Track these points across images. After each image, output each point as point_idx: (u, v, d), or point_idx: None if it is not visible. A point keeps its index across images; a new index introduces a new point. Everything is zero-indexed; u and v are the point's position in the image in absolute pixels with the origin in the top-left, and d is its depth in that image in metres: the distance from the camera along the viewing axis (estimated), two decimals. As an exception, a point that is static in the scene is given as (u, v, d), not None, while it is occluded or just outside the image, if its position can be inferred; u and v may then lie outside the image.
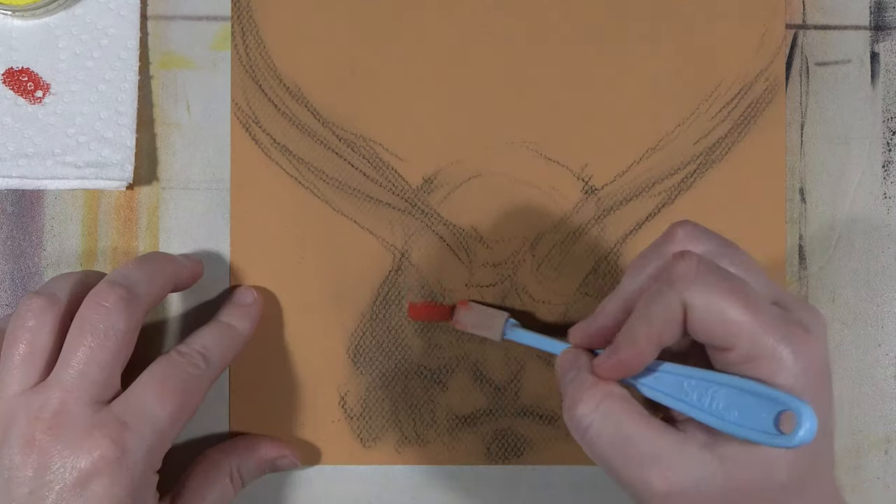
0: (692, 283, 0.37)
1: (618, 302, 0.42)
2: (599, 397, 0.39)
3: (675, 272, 0.38)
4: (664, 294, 0.38)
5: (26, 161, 0.50)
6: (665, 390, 0.40)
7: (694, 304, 0.37)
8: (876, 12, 0.54)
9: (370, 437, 0.52)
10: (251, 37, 0.52)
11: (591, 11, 0.53)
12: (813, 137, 0.53)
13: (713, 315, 0.37)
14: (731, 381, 0.38)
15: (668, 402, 0.40)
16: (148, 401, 0.44)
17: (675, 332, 0.38)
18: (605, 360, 0.40)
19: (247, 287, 0.51)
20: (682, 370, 0.40)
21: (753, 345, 0.37)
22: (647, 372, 0.41)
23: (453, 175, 0.52)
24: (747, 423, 0.37)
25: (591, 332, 0.43)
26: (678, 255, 0.39)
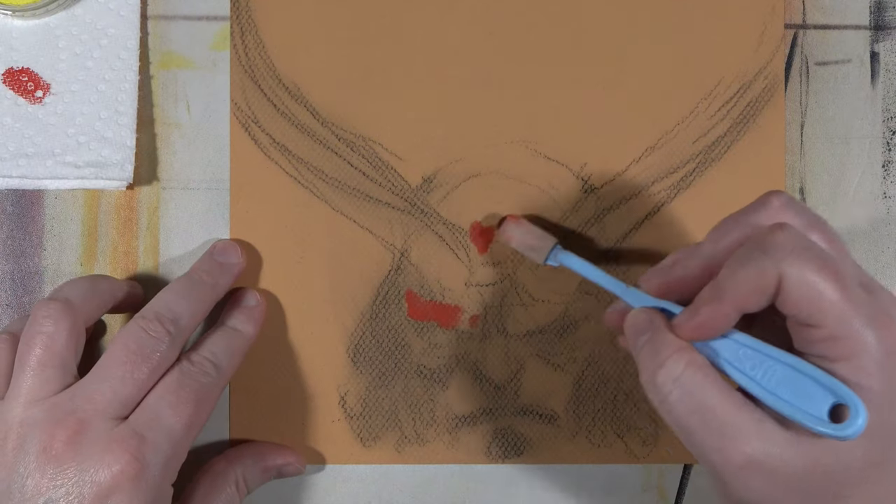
0: (790, 255, 0.37)
1: (699, 259, 0.41)
2: (683, 365, 0.39)
3: (773, 241, 0.38)
4: (759, 261, 0.38)
5: (26, 161, 0.50)
6: (720, 351, 0.40)
7: (790, 276, 0.37)
8: (876, 12, 0.54)
9: (370, 437, 0.52)
10: (250, 37, 0.52)
11: (591, 11, 0.53)
12: (813, 137, 0.53)
13: (806, 290, 0.37)
14: (790, 360, 0.38)
15: (723, 366, 0.40)
16: (164, 412, 0.44)
17: (763, 301, 0.38)
18: (686, 320, 0.40)
19: (250, 289, 0.51)
20: (742, 337, 0.40)
21: (840, 325, 0.37)
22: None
23: (453, 174, 0.52)
24: (798, 404, 0.37)
25: (667, 282, 0.43)
26: (777, 226, 0.38)
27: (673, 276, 0.42)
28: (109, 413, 0.43)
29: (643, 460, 0.53)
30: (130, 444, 0.42)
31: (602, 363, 0.53)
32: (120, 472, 0.42)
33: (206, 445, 0.52)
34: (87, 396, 0.43)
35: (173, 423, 0.44)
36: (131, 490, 0.42)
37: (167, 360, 0.45)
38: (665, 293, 0.43)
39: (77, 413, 0.43)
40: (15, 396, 0.44)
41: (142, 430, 0.43)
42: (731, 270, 0.39)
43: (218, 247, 0.51)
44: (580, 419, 0.52)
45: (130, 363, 0.44)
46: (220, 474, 0.49)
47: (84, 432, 0.42)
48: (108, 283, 0.49)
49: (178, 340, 0.46)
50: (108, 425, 0.43)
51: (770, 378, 0.38)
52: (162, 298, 0.47)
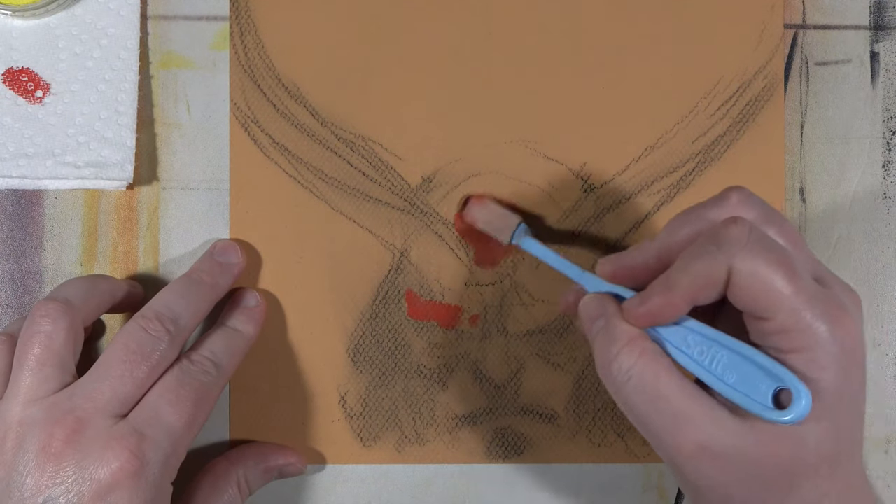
0: (742, 250, 0.38)
1: (654, 248, 0.42)
2: (637, 354, 0.40)
3: (726, 236, 0.38)
4: (711, 254, 0.38)
5: (26, 161, 0.50)
6: (669, 338, 0.40)
7: (740, 269, 0.37)
8: (876, 12, 0.54)
9: (370, 437, 0.52)
10: (250, 37, 0.52)
11: (591, 11, 0.53)
12: (813, 137, 0.53)
13: (757, 284, 0.37)
14: (735, 346, 0.39)
15: (671, 351, 0.40)
16: (164, 410, 0.44)
17: (713, 294, 0.39)
18: (636, 306, 0.40)
19: (250, 289, 0.51)
20: (691, 324, 0.40)
21: (791, 318, 0.37)
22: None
23: (452, 174, 0.52)
24: (743, 390, 0.38)
25: (620, 267, 0.43)
26: (731, 220, 0.39)
27: (627, 263, 0.43)
28: (108, 411, 0.43)
29: (643, 460, 0.53)
30: (130, 442, 0.42)
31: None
32: (119, 470, 0.42)
33: (206, 446, 0.52)
34: (87, 395, 0.43)
35: (173, 422, 0.44)
36: (131, 487, 0.42)
37: (167, 360, 0.45)
38: (619, 279, 0.43)
39: (76, 411, 0.43)
40: (13, 396, 0.44)
41: (141, 427, 0.43)
42: (684, 262, 0.39)
43: (218, 247, 0.51)
44: (580, 419, 0.52)
45: (130, 362, 0.44)
46: (222, 475, 0.49)
47: (83, 430, 0.42)
48: (108, 282, 0.49)
49: (178, 340, 0.46)
50: (107, 423, 0.43)
51: (717, 364, 0.39)
52: (162, 298, 0.47)
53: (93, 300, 0.48)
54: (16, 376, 0.44)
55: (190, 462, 0.47)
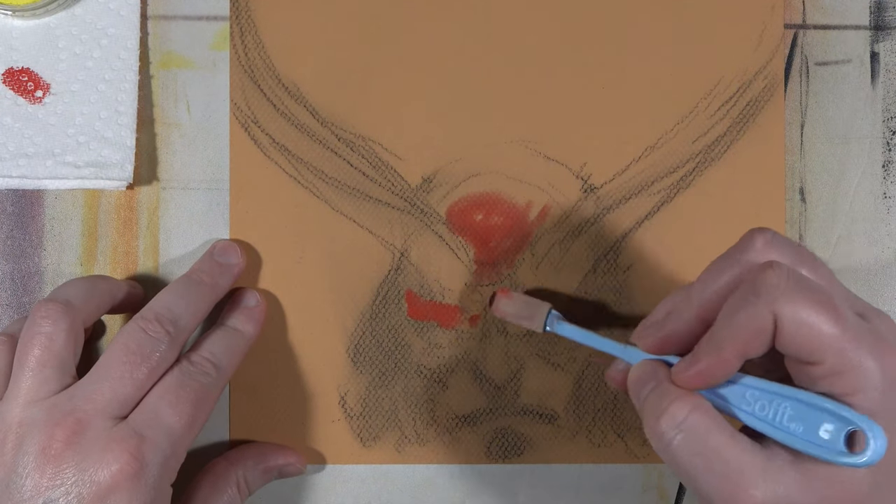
0: (782, 295, 0.37)
1: (692, 308, 0.40)
2: (686, 411, 0.38)
3: (764, 283, 0.37)
4: (752, 304, 0.37)
5: (26, 161, 0.50)
6: (727, 397, 0.39)
7: (786, 316, 0.36)
8: (876, 12, 0.54)
9: (370, 437, 0.52)
10: (250, 37, 0.52)
11: (590, 10, 0.53)
12: (813, 137, 0.53)
13: (804, 328, 0.36)
14: (798, 395, 0.38)
15: (729, 409, 0.39)
16: (164, 412, 0.44)
17: (763, 344, 0.37)
18: (686, 370, 0.39)
19: (250, 289, 0.51)
20: (746, 380, 0.39)
21: (841, 359, 0.36)
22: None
23: (452, 174, 0.52)
24: (813, 439, 0.37)
25: (662, 337, 0.42)
26: (767, 265, 0.38)
27: (667, 331, 0.42)
28: (108, 413, 0.43)
29: (643, 460, 0.53)
30: (130, 444, 0.42)
31: (602, 362, 0.53)
32: (119, 472, 0.42)
33: (206, 446, 0.52)
34: (86, 396, 0.43)
35: (173, 423, 0.44)
36: (130, 489, 0.42)
37: (166, 361, 0.45)
38: (662, 349, 0.42)
39: (76, 413, 0.43)
40: (14, 397, 0.44)
41: (141, 429, 0.43)
42: (727, 318, 0.38)
43: (218, 247, 0.51)
44: (580, 419, 0.52)
45: (130, 363, 0.44)
46: (222, 476, 0.49)
47: (83, 432, 0.42)
48: (108, 283, 0.49)
49: (178, 341, 0.46)
50: (107, 425, 0.43)
51: (782, 416, 0.38)
52: (161, 299, 0.47)
53: (93, 301, 0.48)
54: (16, 377, 0.44)
55: (190, 462, 0.47)
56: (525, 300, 0.50)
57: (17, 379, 0.44)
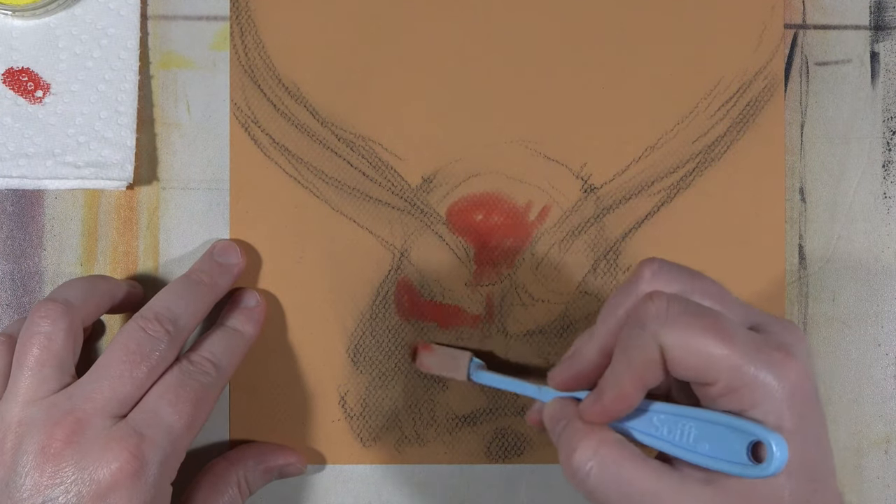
0: (665, 324, 0.37)
1: (594, 345, 0.41)
2: (595, 444, 0.39)
3: (646, 314, 0.38)
4: (639, 336, 0.38)
5: (26, 161, 0.50)
6: (635, 426, 0.40)
7: (669, 344, 0.37)
8: (876, 12, 0.54)
9: (370, 437, 0.52)
10: (250, 37, 0.52)
11: (590, 10, 0.53)
12: (813, 137, 0.53)
13: (690, 353, 0.37)
14: (700, 415, 0.38)
15: (640, 438, 0.40)
16: (164, 411, 0.44)
17: (658, 373, 0.38)
18: (591, 406, 0.40)
19: (250, 290, 0.51)
20: (652, 405, 0.40)
21: (735, 377, 0.37)
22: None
23: (452, 174, 0.52)
24: (719, 455, 0.37)
25: (570, 376, 0.43)
26: (647, 297, 0.38)
27: (575, 369, 0.42)
28: (108, 412, 0.43)
29: (643, 460, 0.53)
30: (129, 443, 0.42)
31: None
32: (119, 470, 0.42)
33: (206, 446, 0.52)
34: (86, 395, 0.43)
35: (173, 422, 0.44)
36: (130, 488, 0.42)
37: (166, 360, 0.45)
38: (572, 386, 0.43)
39: (75, 412, 0.43)
40: (13, 396, 0.44)
41: (141, 428, 0.43)
42: (621, 352, 0.39)
43: (217, 247, 0.51)
44: (580, 419, 0.52)
45: (129, 362, 0.44)
46: (222, 476, 0.49)
47: (82, 431, 0.42)
48: (107, 283, 0.49)
49: (177, 340, 0.46)
50: (106, 423, 0.43)
51: (688, 437, 0.38)
52: (161, 298, 0.47)
53: (92, 301, 0.48)
54: (15, 377, 0.44)
55: (190, 462, 0.47)
56: (446, 352, 0.51)
57: (16, 378, 0.44)
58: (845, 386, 0.53)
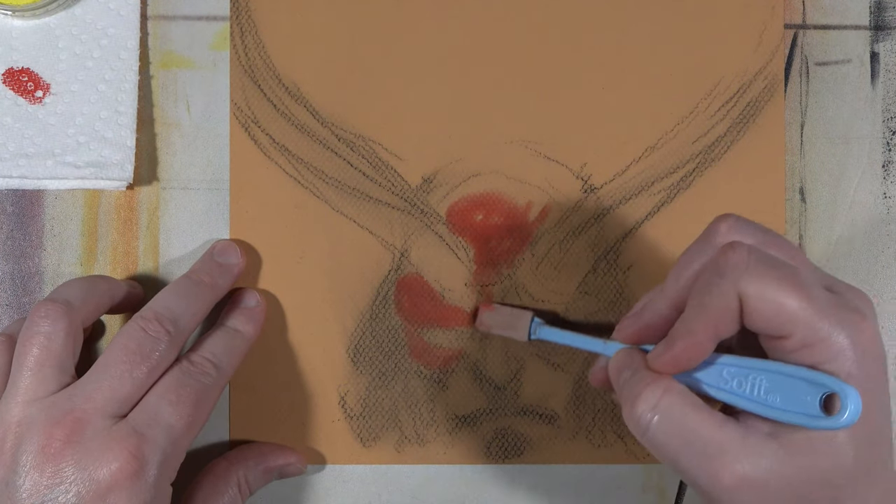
0: (745, 273, 0.37)
1: (665, 298, 0.41)
2: (660, 393, 0.39)
3: (726, 263, 0.38)
4: (718, 285, 0.38)
5: (26, 161, 0.50)
6: (703, 378, 0.40)
7: (749, 293, 0.37)
8: (876, 12, 0.54)
9: (370, 437, 0.52)
10: (250, 37, 0.52)
11: (591, 11, 0.53)
12: (813, 137, 0.53)
13: (769, 304, 0.37)
14: (771, 367, 0.38)
15: (709, 391, 0.40)
16: (164, 411, 0.44)
17: (733, 323, 0.38)
18: (661, 355, 0.40)
19: (250, 290, 0.51)
20: (720, 358, 0.40)
21: (810, 331, 0.37)
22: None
23: (453, 174, 0.52)
24: (791, 407, 0.37)
25: (639, 328, 0.43)
26: (728, 246, 0.38)
27: (644, 321, 0.42)
28: (108, 411, 0.43)
29: (643, 460, 0.53)
30: (129, 443, 0.42)
31: (602, 363, 0.53)
32: (118, 471, 0.42)
33: (206, 446, 0.52)
34: (86, 395, 0.43)
35: (173, 422, 0.44)
36: (129, 488, 0.42)
37: (166, 360, 0.45)
38: (641, 339, 0.43)
39: (75, 412, 0.43)
40: (12, 396, 0.44)
41: (141, 428, 0.43)
42: (696, 301, 0.39)
43: (217, 247, 0.51)
44: (580, 419, 0.52)
45: (129, 362, 0.44)
46: (222, 476, 0.49)
47: (82, 431, 0.43)
48: (107, 283, 0.49)
49: (178, 340, 0.46)
50: (106, 423, 0.43)
51: (758, 389, 0.38)
52: (161, 298, 0.47)
53: (92, 301, 0.48)
54: (14, 377, 0.44)
55: (190, 462, 0.47)
56: (508, 311, 0.51)
57: (16, 379, 0.44)
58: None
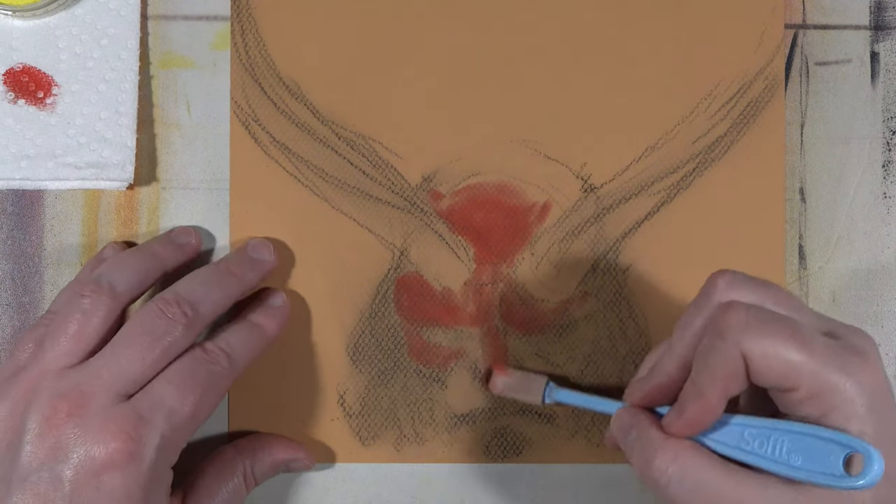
0: (745, 332, 0.38)
1: (673, 359, 0.42)
2: (674, 452, 0.39)
3: (726, 324, 0.38)
4: (720, 348, 0.38)
5: (28, 163, 0.51)
6: (725, 440, 0.40)
7: (752, 352, 0.38)
8: (876, 12, 0.54)
9: (369, 436, 0.52)
10: (251, 35, 0.52)
11: (591, 10, 0.53)
12: (813, 137, 0.53)
13: (772, 360, 0.37)
14: (793, 427, 0.38)
15: (729, 453, 0.40)
16: (168, 396, 0.44)
17: (740, 382, 0.39)
18: (675, 419, 0.40)
19: (277, 290, 0.51)
20: (741, 419, 0.40)
21: (815, 382, 0.37)
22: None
23: (452, 174, 0.52)
24: (813, 468, 0.38)
25: (649, 390, 0.43)
26: (726, 306, 0.39)
27: (653, 384, 0.43)
28: (115, 390, 0.43)
29: (642, 460, 0.53)
30: (128, 424, 0.43)
31: (601, 362, 0.53)
32: (115, 451, 0.42)
33: (205, 446, 0.52)
34: (95, 372, 0.44)
35: (176, 408, 0.44)
36: (124, 469, 0.42)
37: (180, 345, 0.45)
38: (651, 402, 0.43)
39: (81, 386, 0.43)
40: (38, 362, 0.44)
41: (142, 410, 0.43)
42: (701, 363, 0.39)
43: (252, 243, 0.51)
44: (579, 419, 0.52)
45: (142, 343, 0.44)
46: (228, 465, 0.49)
47: (86, 406, 0.43)
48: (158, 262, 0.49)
49: (195, 325, 0.46)
50: (111, 401, 0.43)
51: (780, 449, 0.39)
52: (185, 282, 0.47)
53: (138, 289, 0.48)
54: (45, 344, 0.45)
55: (189, 455, 0.47)
56: (521, 374, 0.51)
57: (45, 344, 0.45)
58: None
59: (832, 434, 0.37)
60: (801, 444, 0.38)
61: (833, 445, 0.37)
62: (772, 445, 0.39)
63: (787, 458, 0.38)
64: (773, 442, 0.39)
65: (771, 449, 0.39)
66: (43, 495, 0.42)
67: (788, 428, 0.39)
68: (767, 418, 0.39)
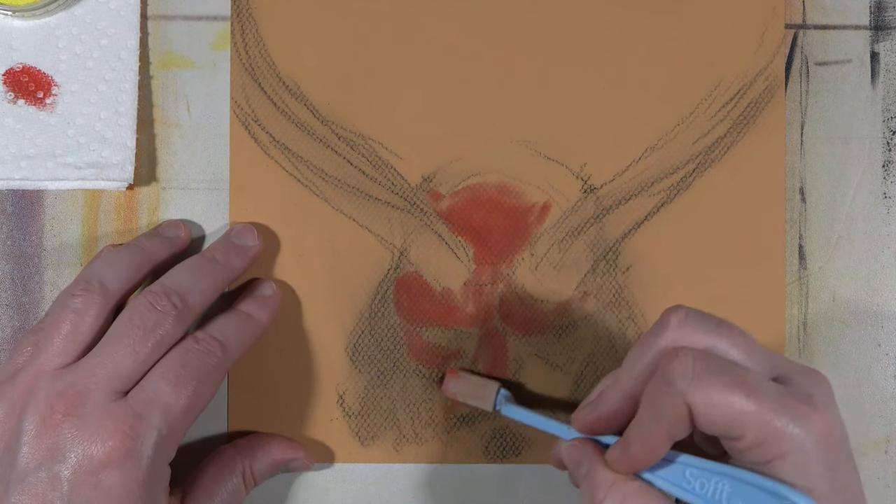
0: (691, 383, 0.38)
1: (618, 391, 0.42)
2: (622, 494, 0.40)
3: (672, 371, 0.38)
4: (666, 394, 0.38)
5: (28, 163, 0.51)
6: (667, 477, 0.40)
7: (696, 401, 0.38)
8: (876, 12, 0.54)
9: (368, 436, 0.52)
10: (251, 35, 0.52)
11: (591, 10, 0.53)
12: (813, 137, 0.53)
13: (716, 410, 0.37)
14: (734, 473, 0.38)
15: (671, 490, 0.40)
16: (163, 391, 0.44)
17: (684, 428, 0.39)
18: (618, 456, 0.41)
19: (266, 280, 0.51)
20: (685, 458, 0.40)
21: (762, 430, 0.37)
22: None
23: (452, 174, 0.52)
24: None
25: (594, 419, 0.43)
26: (674, 353, 0.39)
27: (599, 412, 0.43)
28: (110, 386, 0.44)
29: (642, 460, 0.53)
30: (125, 421, 0.43)
31: (601, 363, 0.53)
32: (113, 449, 0.42)
33: (204, 446, 0.52)
34: (89, 370, 0.44)
35: (172, 402, 0.44)
36: (122, 467, 0.42)
37: (172, 336, 0.45)
38: (596, 430, 0.43)
39: (76, 385, 0.43)
40: (34, 363, 0.44)
41: (139, 407, 0.43)
42: (648, 404, 0.39)
43: (235, 229, 0.51)
44: (579, 419, 0.52)
45: (134, 337, 0.44)
46: (227, 464, 0.49)
47: (82, 405, 0.43)
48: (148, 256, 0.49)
49: (185, 316, 0.46)
50: (107, 399, 0.43)
51: (720, 493, 0.39)
52: (172, 274, 0.47)
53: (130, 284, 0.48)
54: (40, 344, 0.45)
55: (189, 455, 0.47)
56: (474, 380, 0.51)
57: (40, 345, 0.45)
58: (845, 386, 0.53)
59: (772, 485, 0.37)
60: (740, 490, 0.38)
61: (771, 498, 0.37)
62: (712, 488, 0.39)
63: (728, 502, 0.38)
64: (714, 485, 0.39)
65: (711, 491, 0.39)
66: (41, 495, 0.42)
67: (730, 473, 0.39)
68: (711, 461, 0.40)
